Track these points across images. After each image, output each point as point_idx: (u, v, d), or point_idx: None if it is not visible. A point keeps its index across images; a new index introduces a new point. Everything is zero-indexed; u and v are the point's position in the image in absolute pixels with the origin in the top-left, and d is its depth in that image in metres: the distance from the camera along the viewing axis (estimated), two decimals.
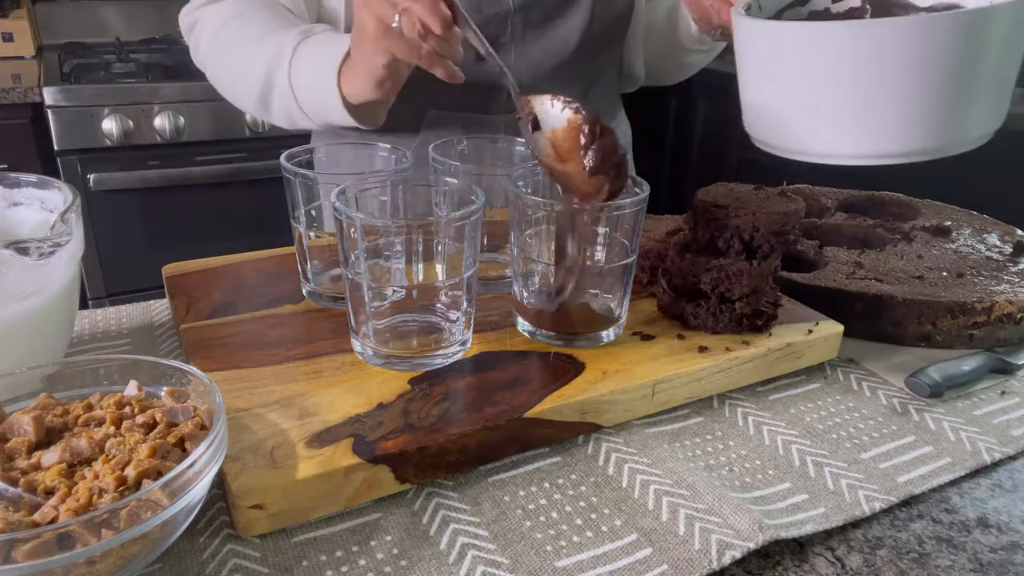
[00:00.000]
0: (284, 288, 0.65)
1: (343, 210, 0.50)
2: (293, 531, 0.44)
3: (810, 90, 0.54)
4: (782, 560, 0.44)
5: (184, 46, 0.86)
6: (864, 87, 0.52)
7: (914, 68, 0.50)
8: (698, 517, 0.45)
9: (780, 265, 0.61)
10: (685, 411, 0.56)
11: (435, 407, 0.49)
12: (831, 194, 0.89)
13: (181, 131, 1.79)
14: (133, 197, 1.81)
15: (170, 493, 0.36)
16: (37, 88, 1.68)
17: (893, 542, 0.45)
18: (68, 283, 0.52)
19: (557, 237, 0.54)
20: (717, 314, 0.60)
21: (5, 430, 0.41)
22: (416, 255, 0.52)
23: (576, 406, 0.51)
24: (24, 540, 0.32)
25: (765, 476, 0.50)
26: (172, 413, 0.43)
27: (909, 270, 0.71)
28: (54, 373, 0.46)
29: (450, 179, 0.58)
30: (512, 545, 0.43)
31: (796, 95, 0.56)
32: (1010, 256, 0.74)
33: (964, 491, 0.50)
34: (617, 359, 0.56)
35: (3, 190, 0.56)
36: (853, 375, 0.62)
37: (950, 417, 0.57)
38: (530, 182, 0.59)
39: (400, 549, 0.43)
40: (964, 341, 0.66)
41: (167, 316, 0.67)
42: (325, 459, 0.44)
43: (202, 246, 1.84)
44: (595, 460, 0.50)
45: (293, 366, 0.53)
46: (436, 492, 0.47)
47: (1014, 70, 0.55)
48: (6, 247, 0.46)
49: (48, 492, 0.37)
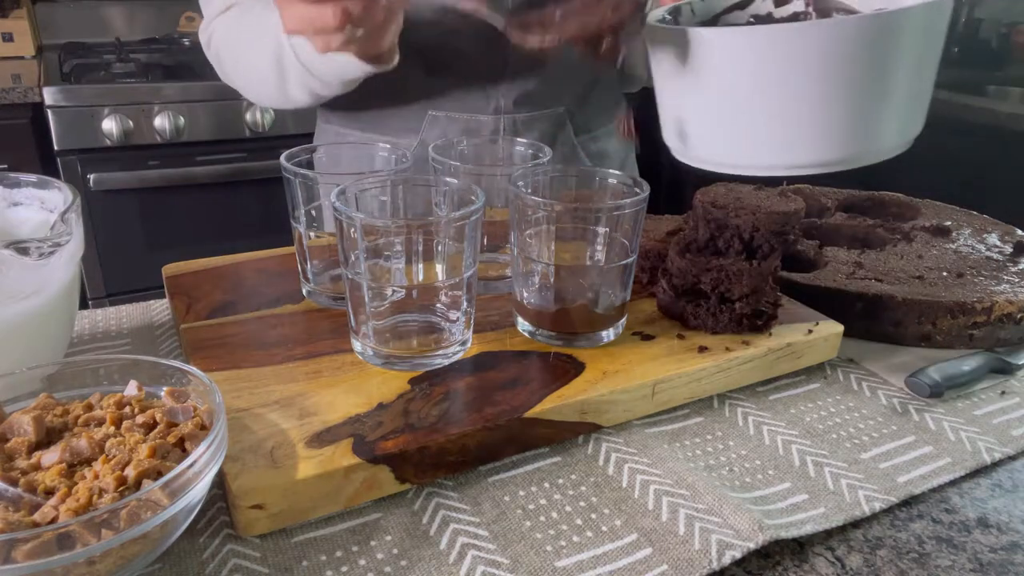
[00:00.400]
0: (284, 288, 0.65)
1: (343, 210, 0.50)
2: (293, 531, 0.44)
3: (720, 99, 0.52)
4: (782, 560, 0.44)
5: (185, 46, 0.86)
6: (770, 95, 0.50)
7: (822, 74, 0.49)
8: (698, 517, 0.45)
9: (780, 265, 0.61)
10: (685, 411, 0.56)
11: (435, 407, 0.49)
12: (831, 194, 0.89)
13: (181, 131, 1.79)
14: (133, 197, 1.81)
15: (170, 493, 0.36)
16: (37, 88, 1.68)
17: (893, 542, 0.45)
18: (68, 283, 0.52)
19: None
20: (717, 314, 0.60)
21: (5, 430, 0.41)
22: (416, 255, 0.52)
23: (576, 406, 0.51)
24: (24, 540, 0.32)
25: (765, 476, 0.50)
26: (172, 413, 0.43)
27: (909, 270, 0.71)
28: (54, 373, 0.46)
29: (450, 179, 0.58)
30: (512, 545, 0.43)
31: (706, 105, 0.54)
32: (1010, 256, 0.74)
33: (964, 491, 0.50)
34: (617, 359, 0.56)
35: (3, 190, 0.56)
36: (853, 375, 0.62)
37: (950, 417, 0.57)
38: (530, 182, 0.59)
39: (400, 549, 0.43)
40: (964, 341, 0.66)
41: (167, 316, 0.67)
42: (325, 459, 0.44)
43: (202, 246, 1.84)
44: (595, 460, 0.50)
45: (293, 366, 0.53)
46: (436, 492, 0.47)
47: (930, 76, 0.53)
48: (6, 247, 0.46)
49: (48, 492, 0.37)
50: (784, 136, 0.52)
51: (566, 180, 0.61)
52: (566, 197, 0.60)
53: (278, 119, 1.89)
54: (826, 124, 0.51)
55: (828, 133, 0.51)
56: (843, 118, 0.50)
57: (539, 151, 0.66)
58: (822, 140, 0.51)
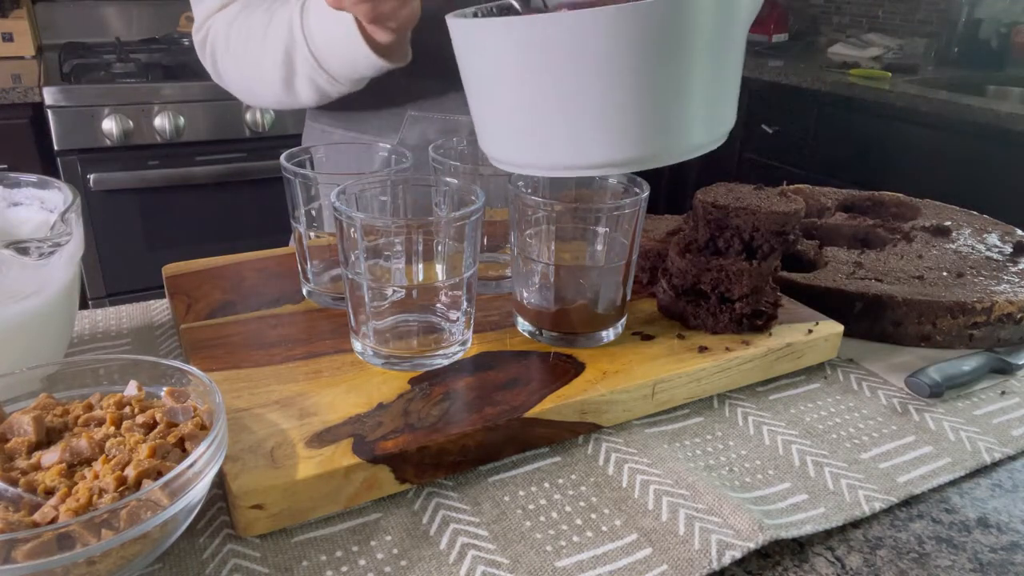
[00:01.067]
0: (284, 288, 0.65)
1: (343, 210, 0.50)
2: (293, 531, 0.44)
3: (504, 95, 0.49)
4: (782, 560, 0.44)
5: (184, 46, 0.86)
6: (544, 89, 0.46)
7: (595, 66, 0.44)
8: (698, 517, 0.45)
9: (780, 265, 0.61)
10: (685, 411, 0.56)
11: (435, 407, 0.49)
12: (831, 194, 0.89)
13: (181, 131, 1.79)
14: (133, 197, 1.81)
15: (170, 493, 0.36)
16: (37, 88, 1.68)
17: (893, 542, 0.46)
18: (68, 283, 0.52)
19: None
20: (717, 314, 0.60)
21: (5, 430, 0.41)
22: (416, 255, 0.52)
23: (576, 406, 0.51)
24: (24, 540, 0.32)
25: (765, 476, 0.50)
26: (172, 413, 0.43)
27: (909, 270, 0.71)
28: (54, 373, 0.46)
29: (450, 179, 0.58)
30: (512, 545, 0.43)
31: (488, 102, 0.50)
32: (1010, 256, 0.74)
33: (964, 491, 0.50)
34: (617, 359, 0.56)
35: (3, 190, 0.56)
36: (853, 375, 0.62)
37: (950, 417, 0.57)
38: (530, 182, 0.59)
39: (400, 549, 0.43)
40: (964, 341, 0.66)
41: (167, 316, 0.67)
42: (325, 459, 0.44)
43: (202, 246, 1.85)
44: (595, 460, 0.50)
45: (293, 366, 0.54)
46: (436, 492, 0.47)
47: (733, 64, 0.49)
48: (6, 247, 0.46)
49: (48, 492, 0.37)
50: (571, 134, 0.48)
51: (566, 180, 0.61)
52: (566, 197, 0.60)
53: (278, 119, 1.89)
54: (615, 120, 0.47)
55: (620, 130, 0.47)
56: (633, 113, 0.46)
57: None
58: (615, 137, 0.47)
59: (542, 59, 0.46)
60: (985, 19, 2.40)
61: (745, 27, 0.50)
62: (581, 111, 0.47)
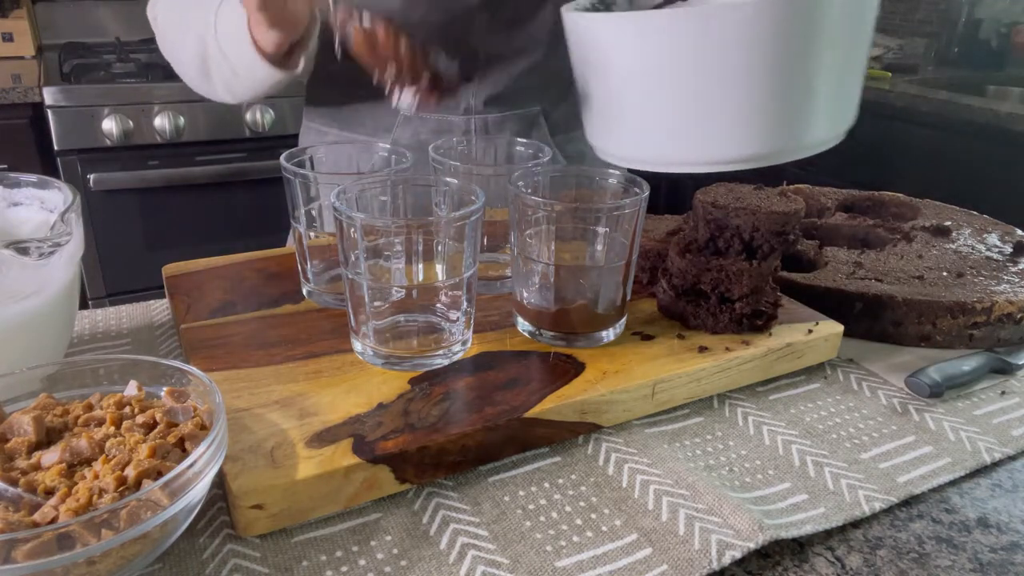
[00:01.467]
0: (284, 288, 0.65)
1: (343, 210, 0.50)
2: (293, 531, 0.44)
3: (632, 90, 0.48)
4: (782, 560, 0.44)
5: None
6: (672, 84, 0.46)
7: (732, 61, 0.44)
8: (698, 517, 0.45)
9: (780, 265, 0.61)
10: (685, 411, 0.56)
11: (435, 407, 0.49)
12: (831, 194, 0.89)
13: (181, 131, 1.79)
14: (133, 197, 1.81)
15: (170, 493, 0.36)
16: (37, 88, 1.68)
17: (893, 542, 0.45)
18: (68, 283, 0.52)
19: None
20: (717, 314, 0.60)
21: (5, 430, 0.41)
22: (416, 255, 0.52)
23: (576, 406, 0.51)
24: (24, 540, 0.32)
25: (765, 476, 0.50)
26: (172, 413, 0.43)
27: (909, 270, 0.71)
28: (54, 373, 0.46)
29: (450, 179, 0.58)
30: (512, 545, 0.43)
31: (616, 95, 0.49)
32: (1010, 256, 0.74)
33: (964, 491, 0.50)
34: (617, 359, 0.56)
35: (3, 190, 0.56)
36: (853, 375, 0.62)
37: (950, 417, 0.57)
38: (530, 182, 0.59)
39: (400, 549, 0.43)
40: (964, 341, 0.66)
41: (167, 316, 0.67)
42: (325, 459, 0.44)
43: (202, 246, 1.85)
44: (595, 460, 0.50)
45: (293, 366, 0.53)
46: (436, 492, 0.47)
47: (859, 60, 0.48)
48: (6, 247, 0.46)
49: (48, 492, 0.37)
50: (696, 129, 0.48)
51: (566, 180, 0.61)
52: (566, 197, 0.60)
53: (278, 119, 1.89)
54: (743, 116, 0.47)
55: (747, 125, 0.47)
56: (762, 109, 0.46)
57: (539, 151, 0.66)
58: (741, 133, 0.47)
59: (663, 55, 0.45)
60: (985, 19, 2.40)
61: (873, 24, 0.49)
62: (708, 106, 0.46)
